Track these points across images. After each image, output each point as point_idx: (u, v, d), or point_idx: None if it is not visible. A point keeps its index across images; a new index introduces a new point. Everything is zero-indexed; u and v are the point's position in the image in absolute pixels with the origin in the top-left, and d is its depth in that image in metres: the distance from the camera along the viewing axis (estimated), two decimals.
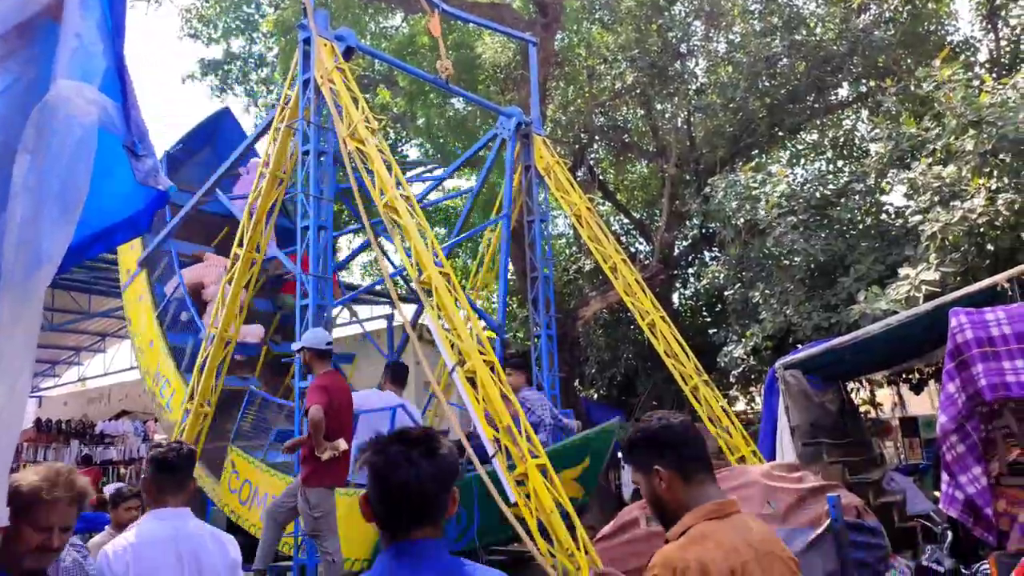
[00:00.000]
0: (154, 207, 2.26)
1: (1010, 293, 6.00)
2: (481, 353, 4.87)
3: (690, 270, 17.09)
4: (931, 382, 11.38)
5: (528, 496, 4.38)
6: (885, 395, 13.53)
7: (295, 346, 5.53)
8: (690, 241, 16.38)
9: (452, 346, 4.93)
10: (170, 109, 67.36)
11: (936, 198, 8.00)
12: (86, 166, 1.76)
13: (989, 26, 12.71)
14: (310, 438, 5.12)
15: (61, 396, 22.59)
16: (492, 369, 4.86)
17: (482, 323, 8.64)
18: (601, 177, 17.81)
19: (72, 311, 16.93)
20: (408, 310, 9.44)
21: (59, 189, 1.72)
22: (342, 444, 5.06)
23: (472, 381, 4.78)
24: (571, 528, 4.38)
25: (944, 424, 3.63)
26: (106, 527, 5.16)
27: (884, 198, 10.75)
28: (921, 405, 13.25)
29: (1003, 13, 12.49)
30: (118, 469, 14.90)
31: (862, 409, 12.08)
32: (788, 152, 15.67)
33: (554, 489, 4.48)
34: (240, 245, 6.68)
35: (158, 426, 15.42)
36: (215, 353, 6.67)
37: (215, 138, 10.74)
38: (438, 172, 13.27)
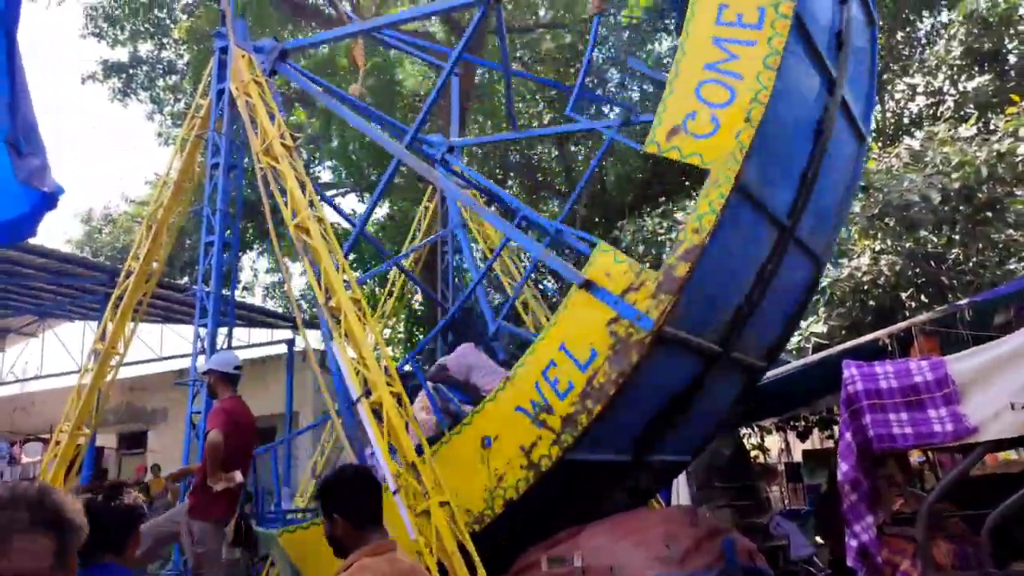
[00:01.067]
0: (41, 210, 2.07)
1: (890, 348, 6.40)
2: (388, 384, 4.73)
3: None
4: (815, 430, 11.95)
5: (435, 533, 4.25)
6: (773, 441, 14.10)
7: (200, 368, 5.19)
8: None
9: (358, 375, 4.77)
10: (68, 108, 63.79)
11: None
12: None
13: (875, 99, 13.73)
14: (202, 467, 4.80)
15: None
16: (399, 401, 4.73)
17: None
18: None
19: None
20: (312, 335, 9.15)
21: None
22: (238, 476, 4.76)
23: (377, 413, 4.62)
24: (472, 569, 4.27)
25: (845, 472, 3.76)
26: None
27: None
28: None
29: (889, 87, 13.53)
30: None
31: (753, 454, 12.54)
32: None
33: (457, 529, 4.36)
34: (136, 258, 6.29)
35: (24, 449, 14.23)
36: (99, 371, 6.21)
37: None
38: (350, 196, 13.02)
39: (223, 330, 5.91)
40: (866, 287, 8.31)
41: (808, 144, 4.79)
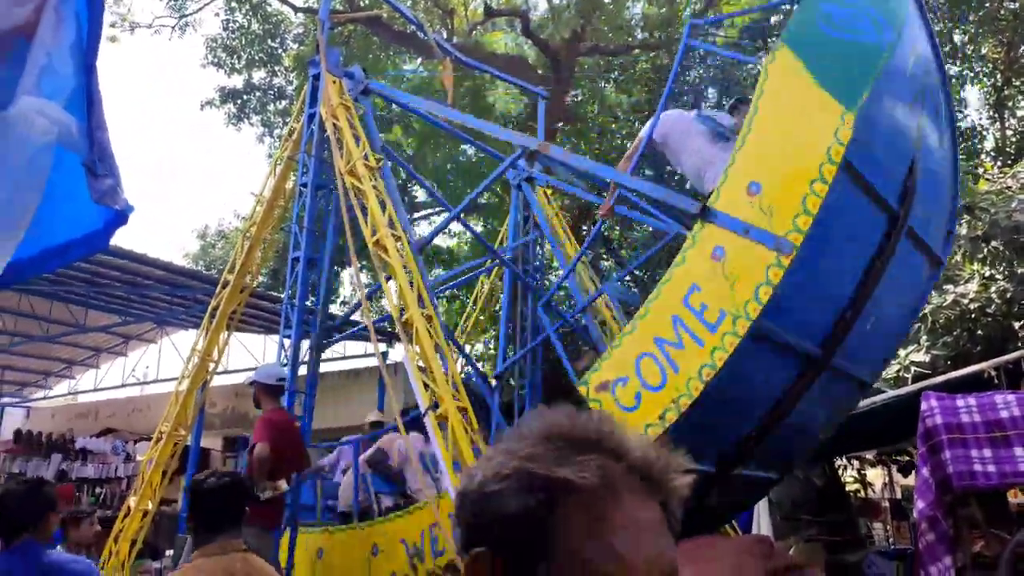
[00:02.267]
0: (113, 226, 2.27)
1: (996, 381, 5.96)
2: (455, 399, 4.83)
3: None
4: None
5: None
6: (876, 474, 13.32)
7: (246, 380, 5.42)
8: None
9: (426, 388, 4.89)
10: (188, 133, 68.61)
11: None
12: (37, 184, 1.78)
13: (996, 116, 12.89)
14: (248, 476, 5.02)
15: (50, 408, 22.43)
16: (465, 415, 4.81)
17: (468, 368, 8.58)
18: (605, 232, 17.91)
19: (68, 324, 16.93)
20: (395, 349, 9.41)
21: (4, 203, 1.73)
22: (283, 485, 4.95)
23: (443, 426, 4.73)
24: None
25: (922, 509, 3.55)
26: (58, 546, 5.05)
27: None
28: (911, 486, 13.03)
29: (1010, 104, 12.68)
30: (93, 487, 14.71)
31: (851, 487, 11.90)
32: None
33: None
34: (231, 271, 6.71)
35: (137, 448, 15.28)
36: (195, 377, 6.65)
37: None
38: (445, 215, 13.35)
39: (307, 341, 6.21)
40: (974, 315, 7.78)
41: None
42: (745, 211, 3.79)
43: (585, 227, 15.73)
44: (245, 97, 16.19)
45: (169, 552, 8.48)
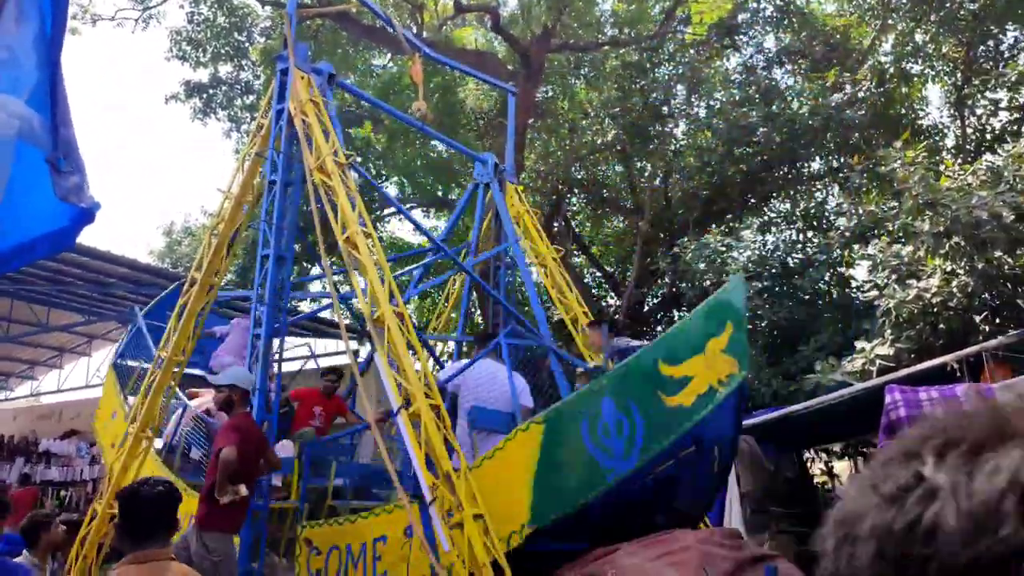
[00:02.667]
0: (79, 224, 2.23)
1: (958, 374, 6.11)
2: (427, 396, 4.82)
3: (659, 328, 17.19)
4: None
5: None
6: (843, 467, 13.58)
7: (222, 381, 5.34)
8: (660, 299, 16.51)
9: (399, 387, 4.88)
10: (151, 127, 67.29)
11: (894, 276, 8.16)
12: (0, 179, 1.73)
13: (956, 113, 13.17)
14: (209, 479, 4.98)
15: (12, 410, 21.92)
16: (438, 413, 4.80)
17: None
18: (577, 229, 18.00)
19: (29, 323, 16.56)
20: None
21: None
22: (243, 489, 4.92)
23: (416, 424, 4.72)
24: None
25: None
26: (24, 551, 4.94)
27: (849, 271, 10.97)
28: None
29: (970, 102, 12.97)
30: (58, 491, 14.42)
31: (819, 480, 12.11)
32: (759, 219, 15.98)
33: (490, 542, 4.39)
34: (199, 269, 6.61)
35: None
36: (163, 378, 6.54)
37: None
38: (416, 211, 13.30)
39: (284, 339, 6.14)
40: (936, 309, 7.95)
41: None
42: None
43: (557, 224, 15.79)
44: (211, 91, 15.94)
45: None
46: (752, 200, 14.62)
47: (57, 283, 13.54)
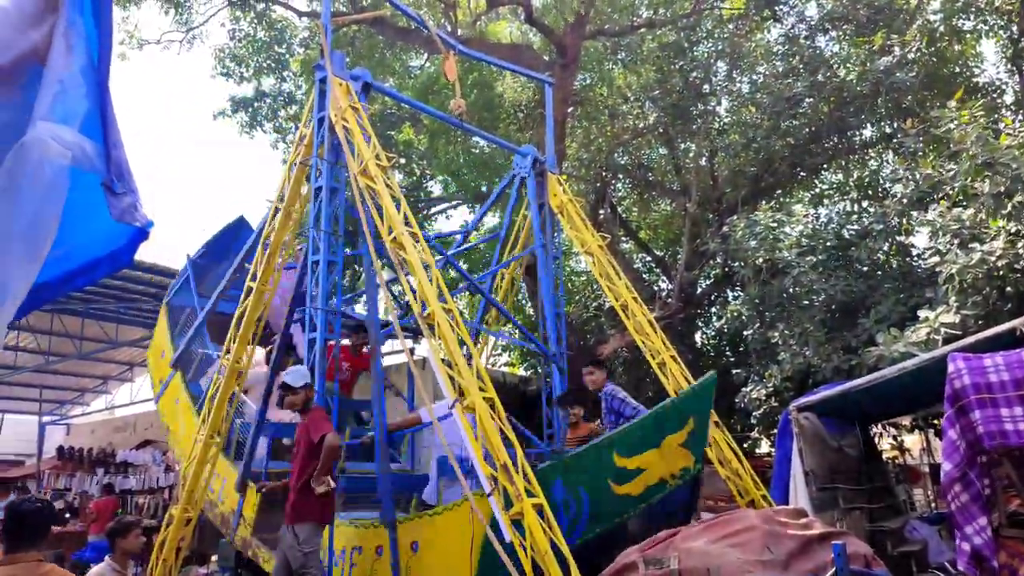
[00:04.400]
0: (135, 242, 2.33)
1: None
2: (481, 389, 4.88)
3: (712, 309, 16.96)
4: None
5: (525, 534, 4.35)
6: (914, 440, 13.18)
7: (298, 383, 5.49)
8: (712, 280, 16.28)
9: (452, 381, 4.94)
10: (200, 144, 69.31)
11: (956, 240, 7.88)
12: (55, 207, 1.83)
13: (1014, 68, 12.61)
14: (299, 471, 5.14)
15: (89, 424, 22.92)
16: (492, 406, 4.86)
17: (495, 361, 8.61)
18: (624, 215, 17.86)
19: (101, 340, 17.28)
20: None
21: (26, 229, 1.79)
22: (331, 481, 5.05)
23: (471, 417, 4.78)
24: (566, 569, 4.32)
25: (949, 472, 3.53)
26: (106, 557, 5.19)
27: (908, 239, 10.62)
28: None
29: None
30: (136, 499, 15.03)
31: (889, 455, 11.79)
32: (810, 192, 15.59)
33: (551, 530, 4.43)
34: (253, 279, 6.81)
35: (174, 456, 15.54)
36: (227, 384, 6.76)
37: (234, 245, 10.38)
38: (462, 208, 13.37)
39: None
40: (1002, 272, 7.65)
41: None
42: None
43: (603, 211, 15.69)
44: (256, 105, 16.32)
45: (214, 558, 8.66)
46: (802, 173, 14.27)
47: (123, 300, 14.10)
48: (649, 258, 18.18)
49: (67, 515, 15.61)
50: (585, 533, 4.94)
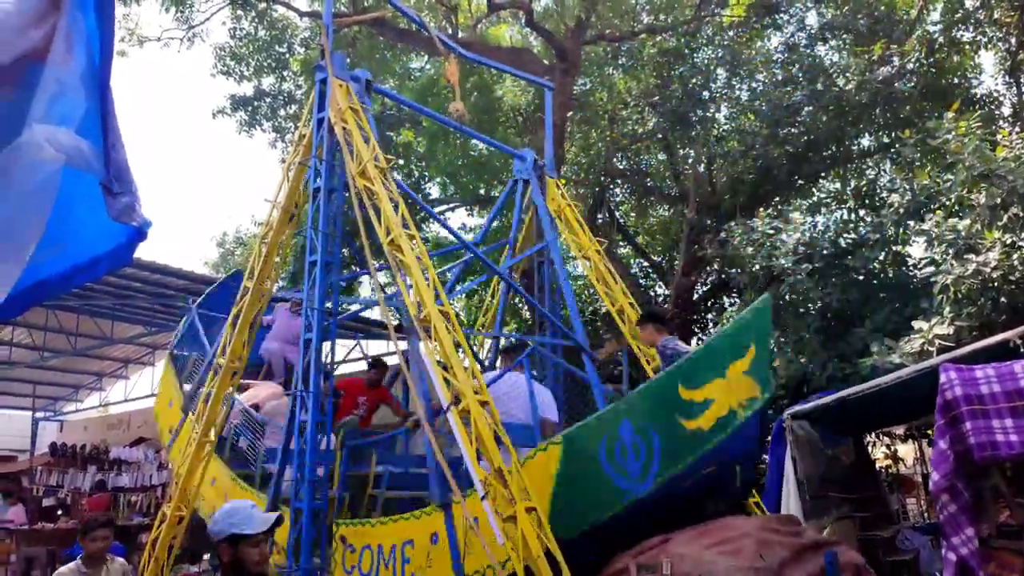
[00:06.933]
0: (135, 241, 2.34)
1: (1022, 350, 5.89)
2: (476, 393, 4.88)
3: (709, 315, 16.99)
4: None
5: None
6: (908, 450, 13.20)
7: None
8: (709, 286, 16.31)
9: (448, 385, 4.95)
10: (200, 142, 69.31)
11: (951, 251, 7.91)
12: (41, 212, 1.84)
13: (1012, 80, 12.68)
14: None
15: (82, 421, 22.86)
16: (487, 409, 4.86)
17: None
18: (621, 220, 17.89)
19: (96, 336, 17.24)
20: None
21: (9, 228, 1.79)
22: None
23: (466, 421, 4.78)
24: (558, 573, 4.33)
25: (937, 481, 3.55)
26: (77, 558, 5.03)
27: (904, 249, 10.66)
28: None
29: None
30: (129, 496, 14.99)
31: (883, 464, 11.81)
32: (808, 200, 15.64)
33: (543, 534, 4.44)
34: (251, 278, 6.81)
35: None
36: (221, 384, 6.76)
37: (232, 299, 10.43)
38: (460, 210, 13.39)
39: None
40: (996, 283, 7.68)
41: None
42: None
43: (601, 215, 15.72)
44: (255, 104, 16.33)
45: (206, 556, 8.65)
46: (800, 181, 14.32)
47: (120, 297, 14.08)
48: (646, 263, 18.22)
49: (59, 512, 15.56)
50: (658, 477, 4.60)
